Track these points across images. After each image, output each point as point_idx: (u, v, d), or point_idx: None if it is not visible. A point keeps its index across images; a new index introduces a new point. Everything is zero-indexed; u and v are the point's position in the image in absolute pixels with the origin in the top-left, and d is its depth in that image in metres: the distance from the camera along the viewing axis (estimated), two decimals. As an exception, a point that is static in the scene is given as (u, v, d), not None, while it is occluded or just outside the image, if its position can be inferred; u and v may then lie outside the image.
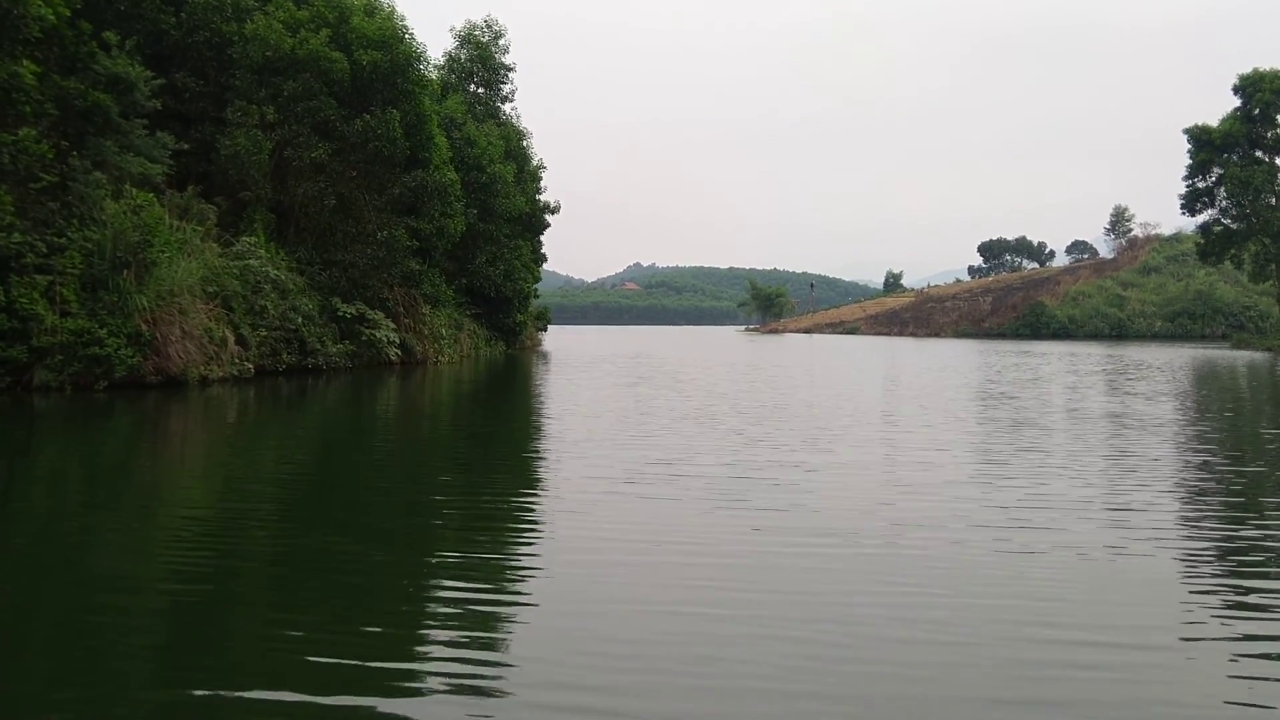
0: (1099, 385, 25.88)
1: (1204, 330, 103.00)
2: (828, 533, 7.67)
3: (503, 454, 13.27)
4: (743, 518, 8.29)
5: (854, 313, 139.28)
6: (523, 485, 10.54)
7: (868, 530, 7.82)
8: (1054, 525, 7.92)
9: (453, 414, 19.42)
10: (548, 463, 12.21)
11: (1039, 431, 14.77)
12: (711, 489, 9.60)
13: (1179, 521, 8.20)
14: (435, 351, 36.61)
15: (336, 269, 31.40)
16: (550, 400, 22.87)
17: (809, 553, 7.04)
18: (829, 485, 9.86)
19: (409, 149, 31.98)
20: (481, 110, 47.62)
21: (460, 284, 44.20)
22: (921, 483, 10.07)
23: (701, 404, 19.70)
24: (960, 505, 8.82)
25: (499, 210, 43.67)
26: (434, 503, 9.45)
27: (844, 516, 8.37)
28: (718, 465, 11.10)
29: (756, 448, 12.63)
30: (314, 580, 6.54)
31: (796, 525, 7.92)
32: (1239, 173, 61.06)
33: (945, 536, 7.59)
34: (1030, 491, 9.47)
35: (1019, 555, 7.01)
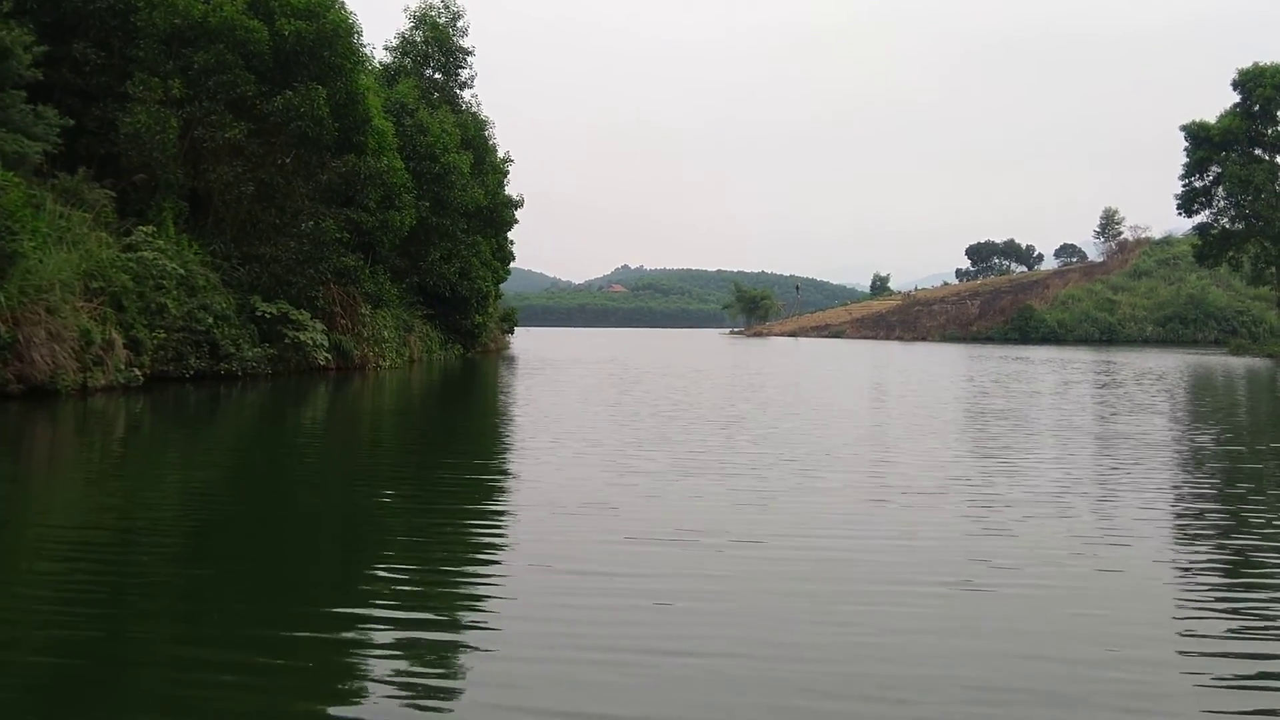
0: (1110, 401, 22.92)
1: (1195, 335, 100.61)
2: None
3: (399, 482, 10.16)
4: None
5: (839, 316, 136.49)
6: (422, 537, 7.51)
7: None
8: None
9: (363, 431, 16.28)
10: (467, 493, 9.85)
11: (1057, 471, 11.77)
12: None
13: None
14: (376, 355, 33.44)
15: (257, 264, 28.21)
16: (488, 414, 19.78)
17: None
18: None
19: (338, 131, 28.82)
20: (438, 97, 44.46)
21: (411, 282, 41.04)
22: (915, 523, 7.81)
23: (659, 424, 16.62)
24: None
25: (454, 203, 40.53)
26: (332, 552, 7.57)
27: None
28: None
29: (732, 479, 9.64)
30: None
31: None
32: (1239, 171, 58.36)
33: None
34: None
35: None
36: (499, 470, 11.72)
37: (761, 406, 20.07)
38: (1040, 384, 28.01)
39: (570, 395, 23.56)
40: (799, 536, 7.68)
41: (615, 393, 23.79)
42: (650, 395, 22.91)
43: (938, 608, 5.73)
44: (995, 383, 28.62)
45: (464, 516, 8.84)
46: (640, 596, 5.92)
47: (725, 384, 27.38)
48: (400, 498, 9.94)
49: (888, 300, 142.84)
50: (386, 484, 10.90)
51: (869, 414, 19.09)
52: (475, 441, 15.40)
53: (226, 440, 14.88)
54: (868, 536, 7.66)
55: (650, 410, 18.80)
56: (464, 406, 22.38)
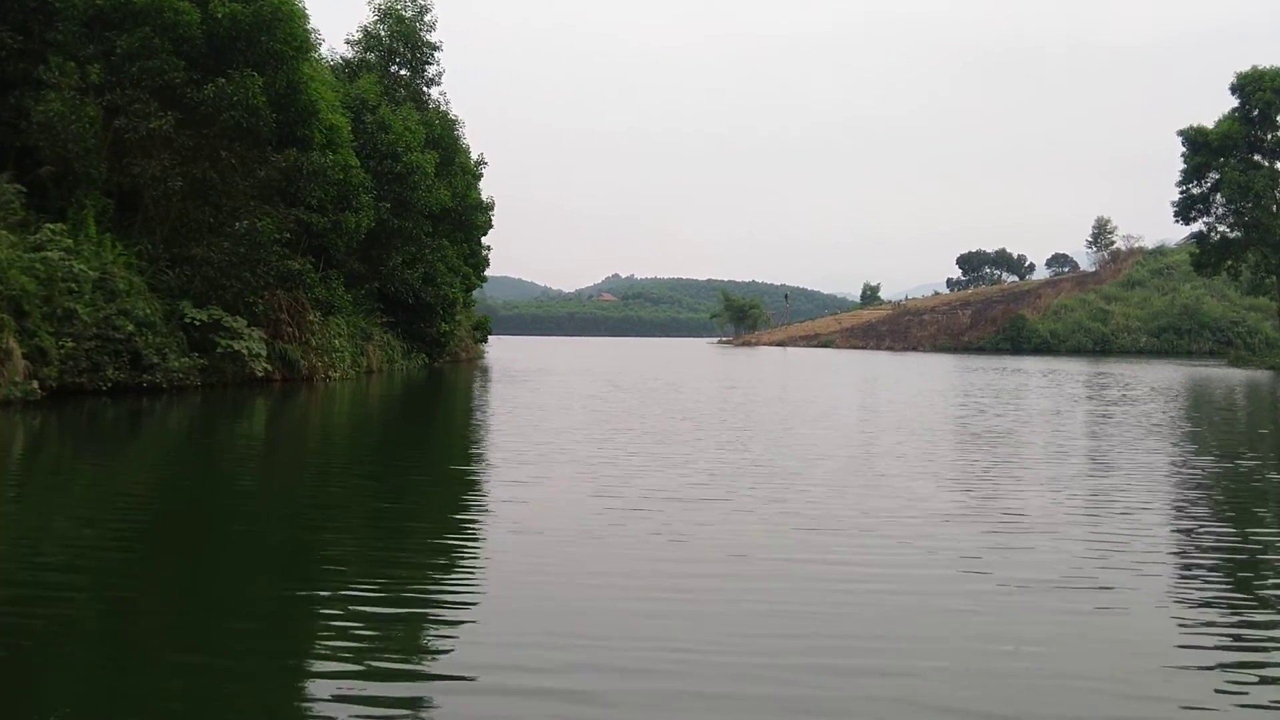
0: (1119, 421, 20.78)
1: (1190, 346, 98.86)
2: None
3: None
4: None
5: (829, 325, 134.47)
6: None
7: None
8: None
9: (282, 455, 13.94)
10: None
11: (1080, 513, 9.60)
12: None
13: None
14: (325, 366, 31.16)
15: (189, 266, 25.96)
16: (435, 430, 17.50)
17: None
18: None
19: (278, 123, 26.62)
20: (404, 94, 42.29)
21: (371, 289, 38.80)
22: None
23: (623, 450, 14.41)
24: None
25: (418, 205, 38.30)
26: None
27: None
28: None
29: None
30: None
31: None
32: (1238, 177, 56.46)
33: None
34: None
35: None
36: (434, 501, 9.52)
37: (733, 441, 17.88)
38: (1045, 401, 25.88)
39: (504, 413, 21.37)
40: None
41: (560, 414, 21.58)
42: (596, 421, 20.71)
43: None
44: (995, 398, 26.49)
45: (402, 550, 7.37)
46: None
47: (694, 405, 25.16)
48: (331, 531, 8.32)
49: (878, 310, 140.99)
50: (309, 517, 8.81)
51: (861, 458, 16.92)
52: (410, 463, 13.19)
53: (107, 464, 12.61)
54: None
55: (589, 444, 16.59)
56: (412, 422, 20.14)
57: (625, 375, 38.44)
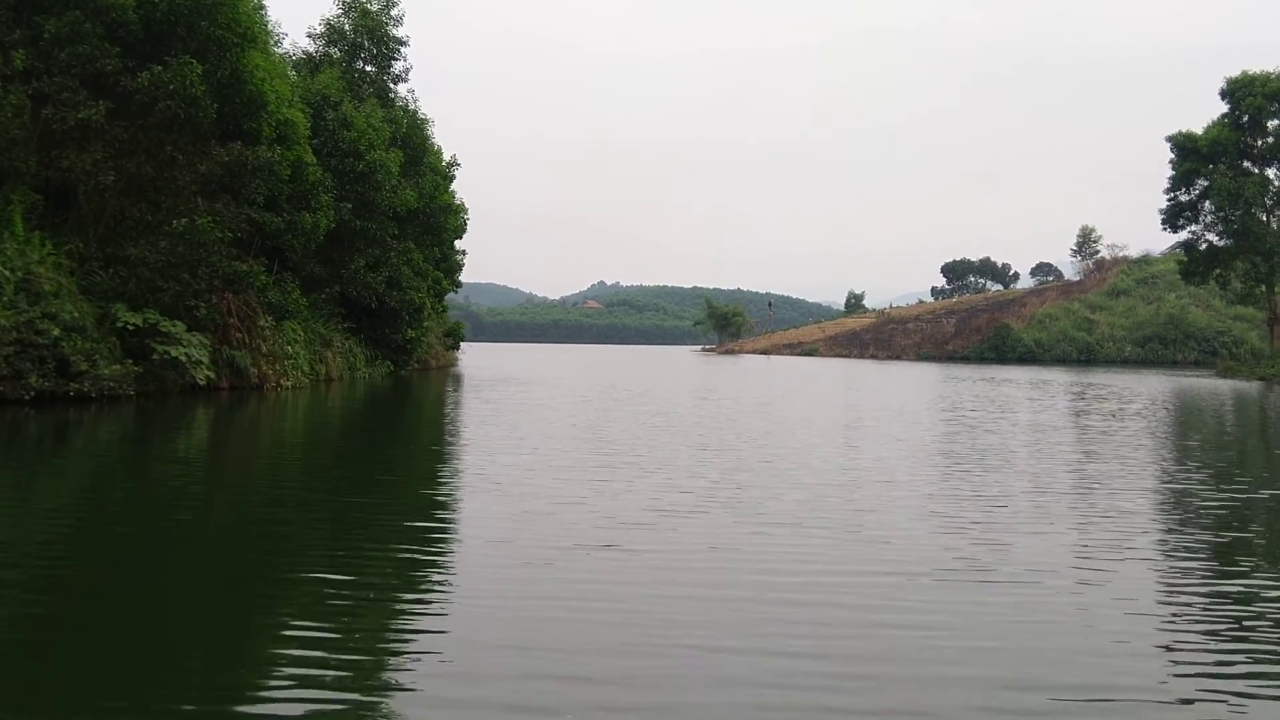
0: (1115, 437, 19.34)
1: (1175, 356, 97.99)
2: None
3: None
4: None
5: (812, 334, 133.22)
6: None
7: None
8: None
9: (200, 474, 12.19)
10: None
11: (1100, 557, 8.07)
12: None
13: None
14: (277, 374, 29.47)
15: (124, 267, 24.25)
16: (384, 445, 15.81)
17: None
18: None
19: (220, 114, 24.97)
20: (369, 90, 40.65)
21: (332, 293, 37.10)
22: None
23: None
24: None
25: (381, 205, 36.68)
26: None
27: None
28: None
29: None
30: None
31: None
32: (1228, 184, 55.34)
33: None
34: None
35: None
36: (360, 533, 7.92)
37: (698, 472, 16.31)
38: (1041, 416, 24.43)
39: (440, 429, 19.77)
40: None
41: (508, 433, 19.98)
42: (541, 440, 19.12)
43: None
44: (987, 412, 25.04)
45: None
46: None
47: (656, 418, 23.60)
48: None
49: (862, 318, 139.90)
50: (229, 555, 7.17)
51: (848, 491, 15.38)
52: (344, 480, 11.54)
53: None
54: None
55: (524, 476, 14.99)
56: (356, 435, 18.50)
57: (594, 384, 36.90)
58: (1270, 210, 56.81)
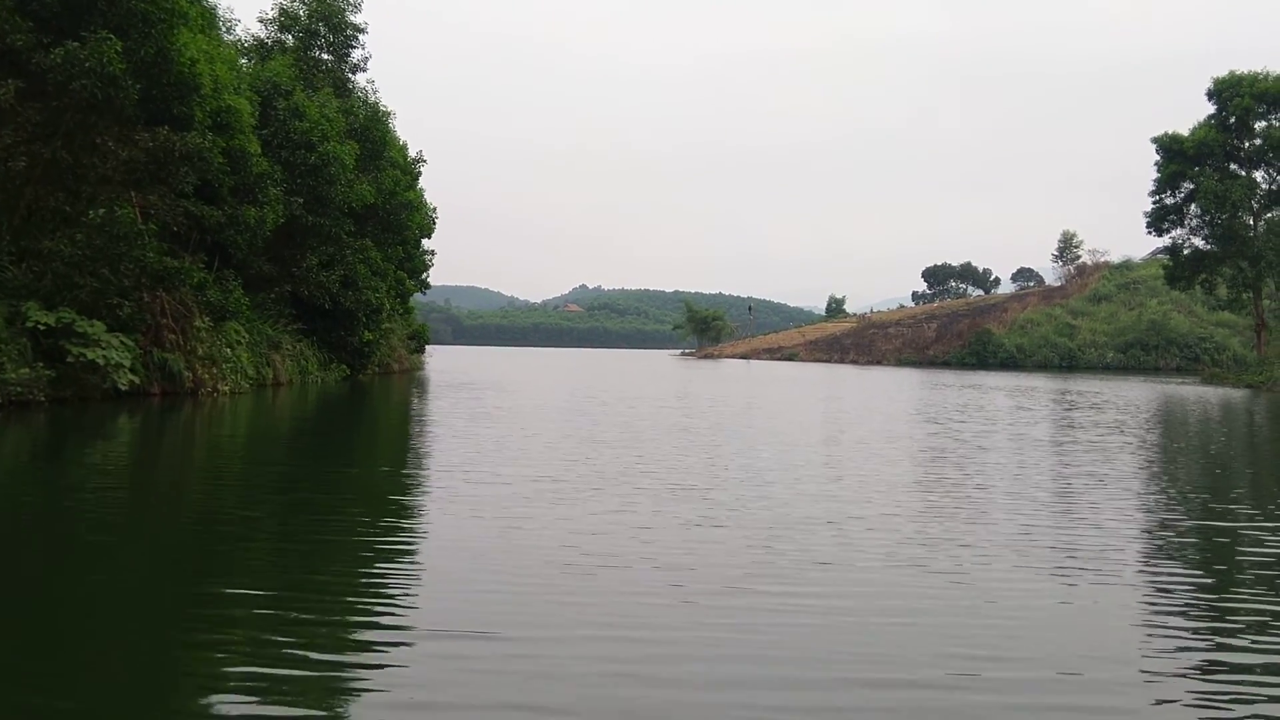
0: (1113, 452, 17.70)
1: (1157, 362, 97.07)
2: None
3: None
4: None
5: (793, 338, 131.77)
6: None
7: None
8: None
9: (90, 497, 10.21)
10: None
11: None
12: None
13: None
14: (214, 378, 27.48)
15: (37, 262, 22.25)
16: (297, 462, 13.88)
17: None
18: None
19: (145, 96, 22.98)
20: (324, 78, 38.67)
21: (282, 292, 35.11)
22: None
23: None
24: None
25: (336, 200, 34.72)
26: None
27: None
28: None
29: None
30: None
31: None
32: (1215, 186, 54.07)
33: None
34: None
35: None
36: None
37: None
38: (1035, 429, 22.78)
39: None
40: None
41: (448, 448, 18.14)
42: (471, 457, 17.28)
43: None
44: (981, 425, 23.38)
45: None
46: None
47: (612, 428, 21.79)
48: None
49: (842, 322, 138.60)
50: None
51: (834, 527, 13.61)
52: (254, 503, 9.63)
53: None
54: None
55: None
56: (283, 445, 16.56)
57: (558, 391, 35.09)
58: (1257, 214, 55.61)
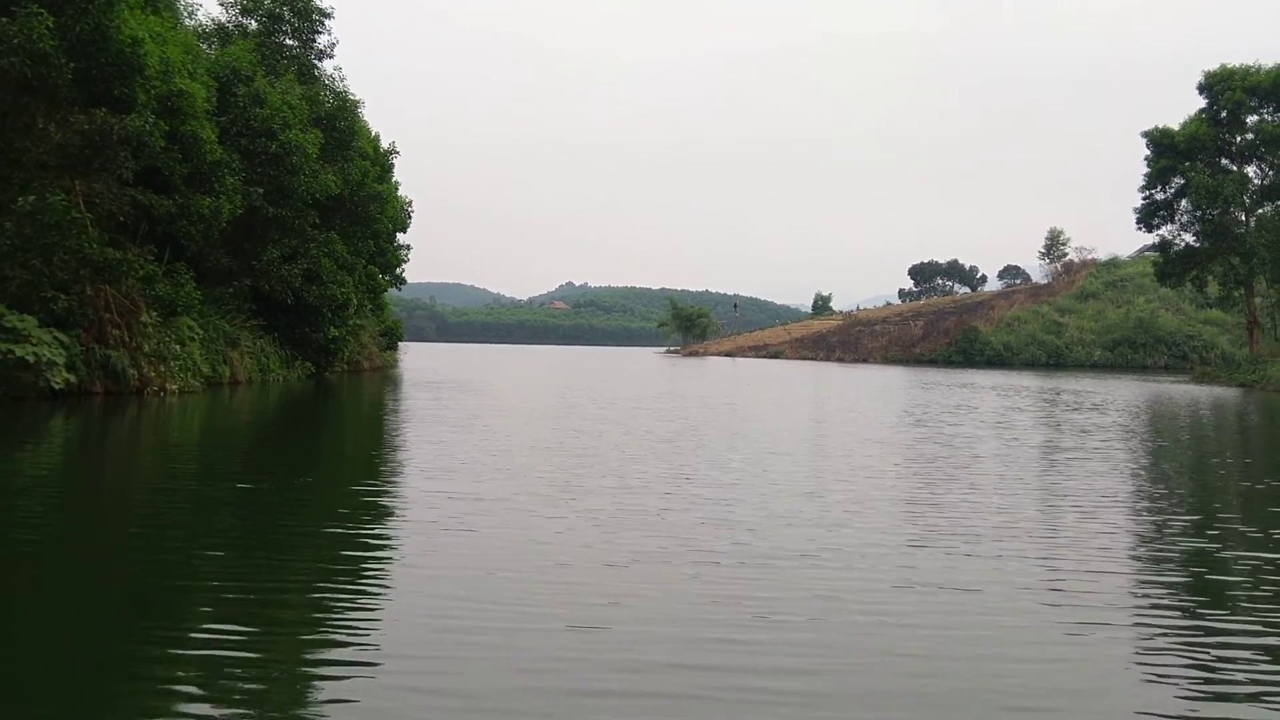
0: (1122, 461, 16.47)
1: (1145, 360, 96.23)
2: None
3: None
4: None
5: (778, 335, 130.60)
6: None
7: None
8: None
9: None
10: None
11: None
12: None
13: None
14: (161, 376, 25.98)
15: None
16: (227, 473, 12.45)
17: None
18: None
19: (81, 76, 21.50)
20: (289, 65, 37.13)
21: (242, 287, 33.60)
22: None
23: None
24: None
25: (299, 190, 33.23)
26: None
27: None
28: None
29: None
30: None
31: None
32: (1206, 181, 53.03)
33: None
34: None
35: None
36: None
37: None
38: (1037, 435, 21.53)
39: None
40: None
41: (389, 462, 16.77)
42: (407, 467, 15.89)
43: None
44: (976, 431, 22.11)
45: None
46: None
47: (548, 440, 20.43)
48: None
49: (829, 320, 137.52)
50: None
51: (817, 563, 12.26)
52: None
53: None
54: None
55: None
56: (229, 455, 15.11)
57: (528, 390, 33.74)
58: (1249, 209, 54.63)
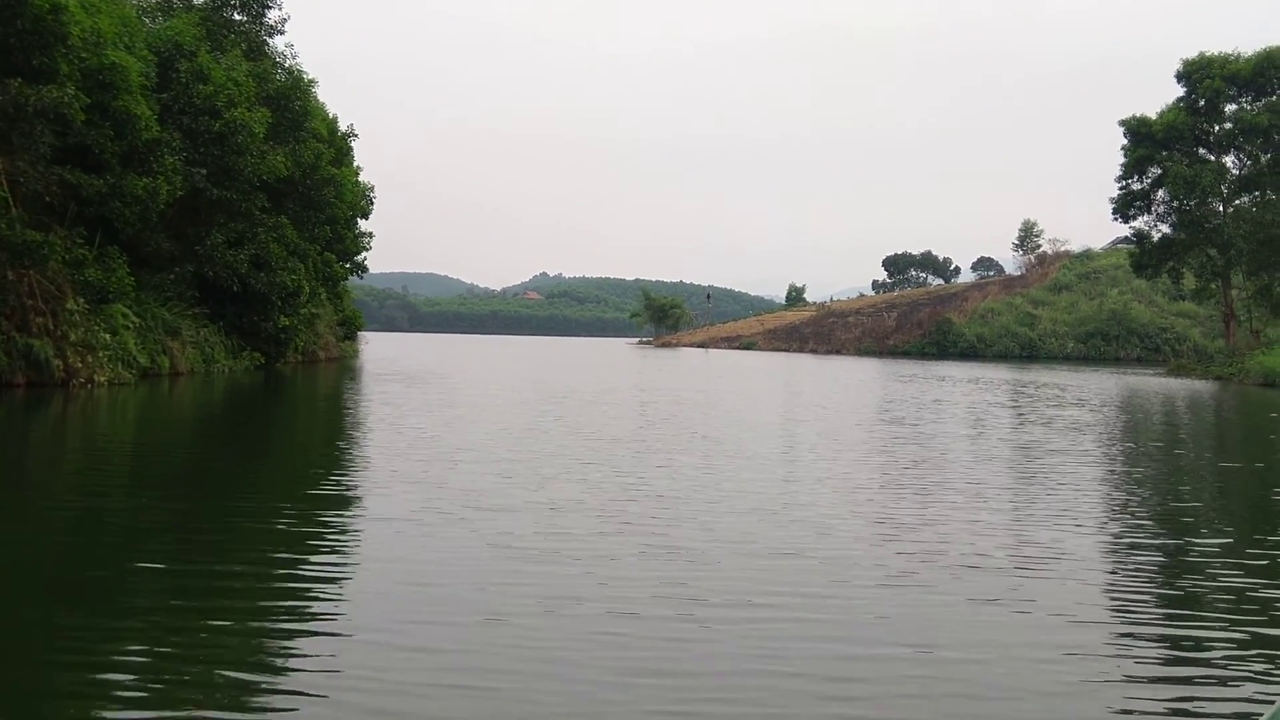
0: (1127, 463, 15.32)
1: (1118, 352, 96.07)
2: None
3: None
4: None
5: (751, 327, 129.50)
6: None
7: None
8: None
9: None
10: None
11: None
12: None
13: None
14: (89, 367, 24.31)
15: None
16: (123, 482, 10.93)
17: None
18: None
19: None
20: (238, 40, 35.34)
21: (184, 272, 31.88)
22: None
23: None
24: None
25: (246, 172, 31.51)
26: None
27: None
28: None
29: None
30: None
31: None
32: (1184, 171, 52.23)
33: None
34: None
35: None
36: None
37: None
38: (1025, 434, 20.36)
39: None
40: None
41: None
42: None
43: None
44: (958, 431, 20.91)
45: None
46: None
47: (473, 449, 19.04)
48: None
49: (802, 311, 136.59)
50: None
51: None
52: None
53: None
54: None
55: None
56: (148, 451, 13.58)
57: (485, 382, 32.33)
58: (1226, 200, 53.94)
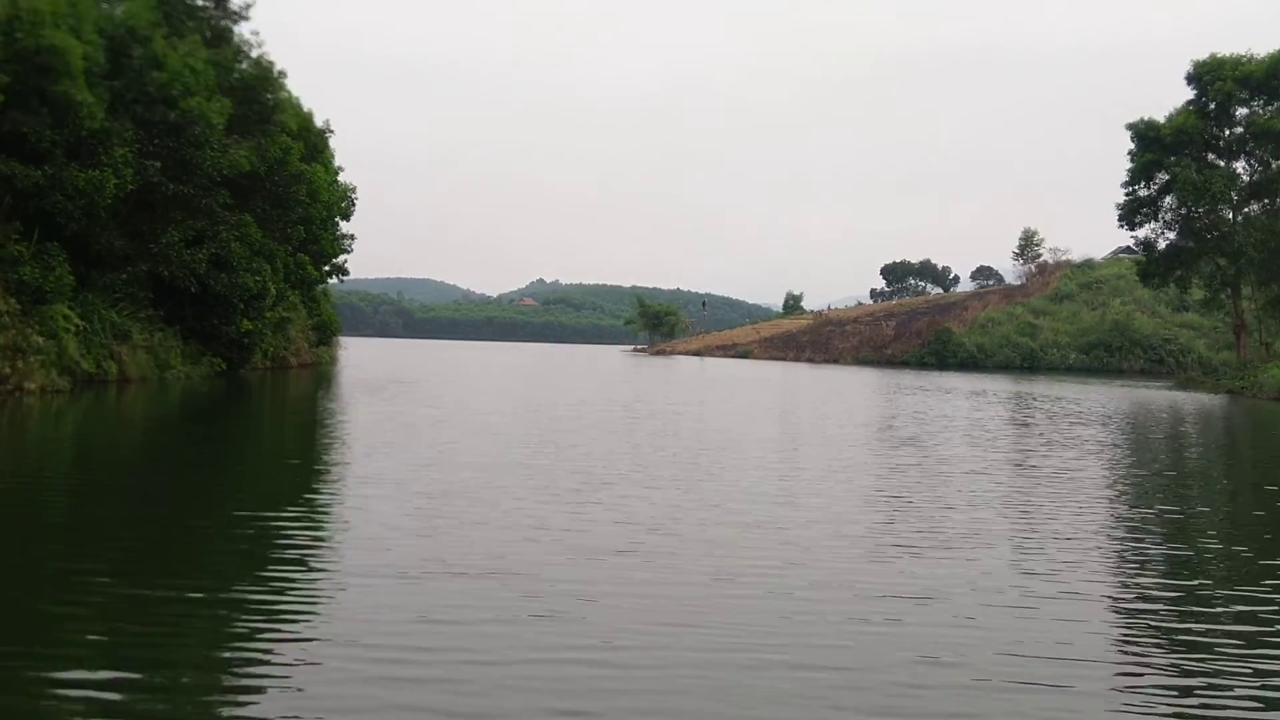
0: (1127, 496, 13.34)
1: (1121, 364, 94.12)
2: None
3: None
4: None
5: (747, 335, 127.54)
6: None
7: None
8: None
9: None
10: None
11: None
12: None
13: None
14: (19, 373, 22.32)
15: None
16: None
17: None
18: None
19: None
20: (194, 25, 33.37)
21: (138, 272, 29.91)
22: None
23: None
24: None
25: (204, 166, 29.56)
26: None
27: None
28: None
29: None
30: None
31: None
32: (1193, 177, 50.35)
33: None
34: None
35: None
36: None
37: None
38: (1051, 460, 18.42)
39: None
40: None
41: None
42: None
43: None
44: (974, 449, 18.96)
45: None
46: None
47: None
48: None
49: (799, 319, 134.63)
50: None
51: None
52: None
53: None
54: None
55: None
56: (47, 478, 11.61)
57: (463, 392, 30.41)
58: (1237, 207, 52.09)
